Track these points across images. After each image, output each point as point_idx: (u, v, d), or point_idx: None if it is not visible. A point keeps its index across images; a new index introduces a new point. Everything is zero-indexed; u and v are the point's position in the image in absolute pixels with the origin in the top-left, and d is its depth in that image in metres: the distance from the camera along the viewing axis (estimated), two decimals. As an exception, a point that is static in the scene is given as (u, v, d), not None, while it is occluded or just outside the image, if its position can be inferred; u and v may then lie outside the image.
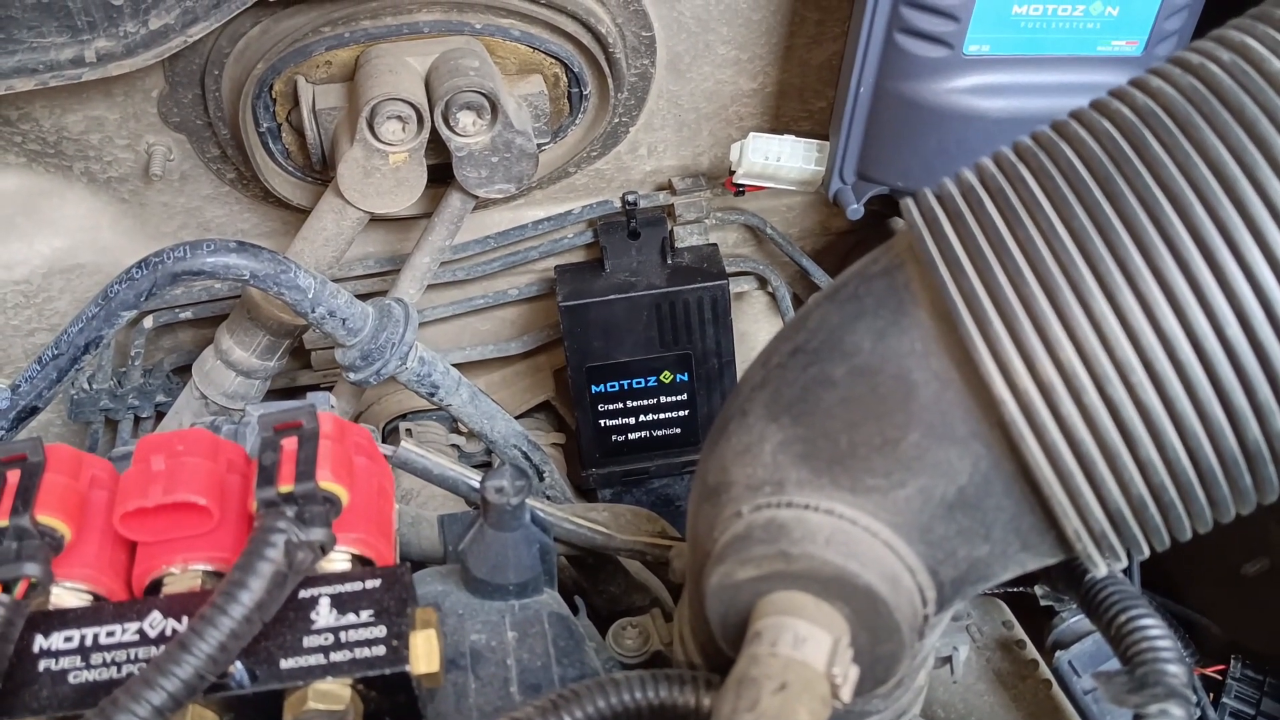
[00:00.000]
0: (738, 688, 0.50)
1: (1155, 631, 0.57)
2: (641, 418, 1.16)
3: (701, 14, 1.03)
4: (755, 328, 1.25)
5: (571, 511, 0.84)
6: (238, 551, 0.63)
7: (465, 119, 0.93)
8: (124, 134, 1.00)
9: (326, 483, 0.60)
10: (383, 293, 1.06)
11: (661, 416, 1.16)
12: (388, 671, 0.58)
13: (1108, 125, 0.52)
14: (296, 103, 0.98)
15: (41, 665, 0.58)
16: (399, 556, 0.79)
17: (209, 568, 0.62)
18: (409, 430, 1.20)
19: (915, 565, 0.54)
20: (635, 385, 1.14)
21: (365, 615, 0.60)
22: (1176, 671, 0.55)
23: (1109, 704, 0.60)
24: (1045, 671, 0.76)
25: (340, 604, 0.61)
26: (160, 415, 1.12)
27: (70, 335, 0.85)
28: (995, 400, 0.50)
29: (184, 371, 1.14)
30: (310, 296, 0.87)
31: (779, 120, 1.13)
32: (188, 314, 1.10)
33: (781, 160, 1.03)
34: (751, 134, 1.03)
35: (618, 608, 0.87)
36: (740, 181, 1.07)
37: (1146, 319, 0.48)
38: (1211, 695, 1.07)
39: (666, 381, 1.14)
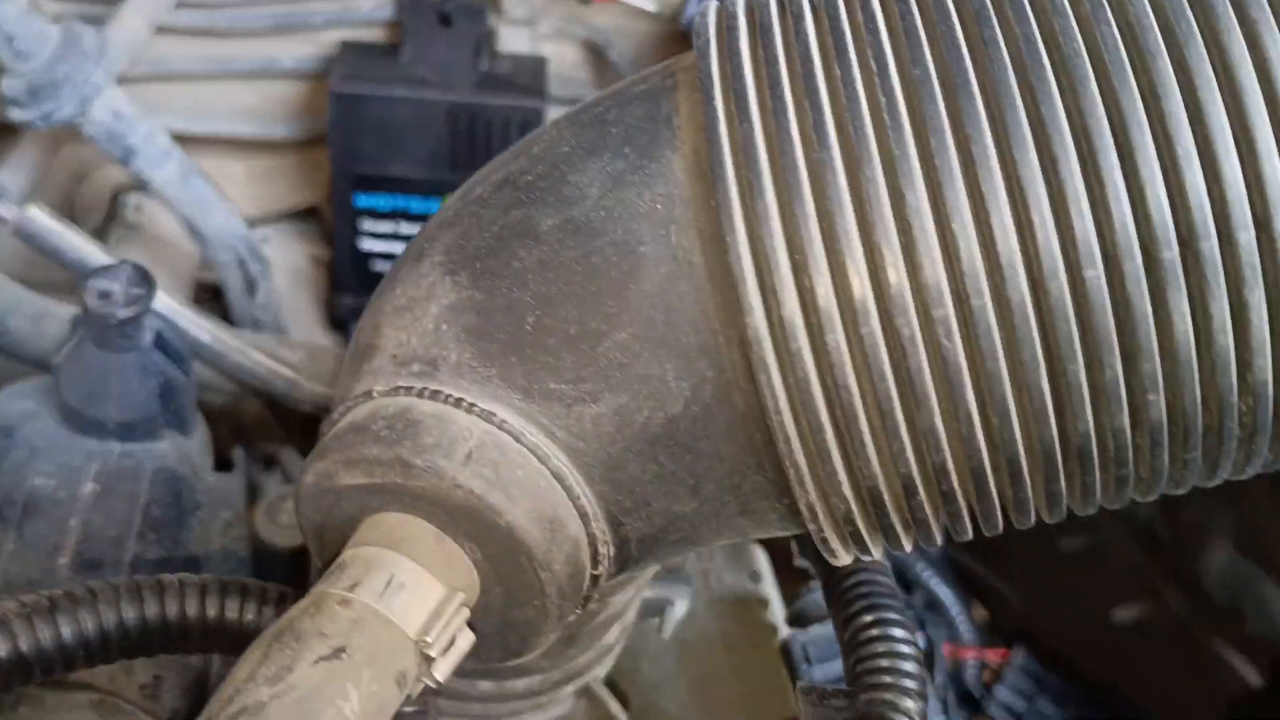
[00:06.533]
0: (273, 643, 0.34)
1: (901, 647, 0.44)
2: (414, 247, 0.97)
3: None
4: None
5: (255, 343, 0.66)
6: None
7: None
8: None
9: None
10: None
11: (439, 250, 0.98)
12: None
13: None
14: None
15: None
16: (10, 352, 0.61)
17: None
18: (138, 206, 0.98)
19: (590, 509, 0.38)
20: (413, 209, 0.95)
21: None
22: (913, 711, 0.41)
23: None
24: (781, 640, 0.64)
25: None
26: None
27: None
28: (741, 305, 0.34)
29: None
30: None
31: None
32: None
33: (634, -34, 0.83)
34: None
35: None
36: (584, -18, 0.87)
37: (980, 236, 0.33)
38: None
39: (451, 210, 0.95)
